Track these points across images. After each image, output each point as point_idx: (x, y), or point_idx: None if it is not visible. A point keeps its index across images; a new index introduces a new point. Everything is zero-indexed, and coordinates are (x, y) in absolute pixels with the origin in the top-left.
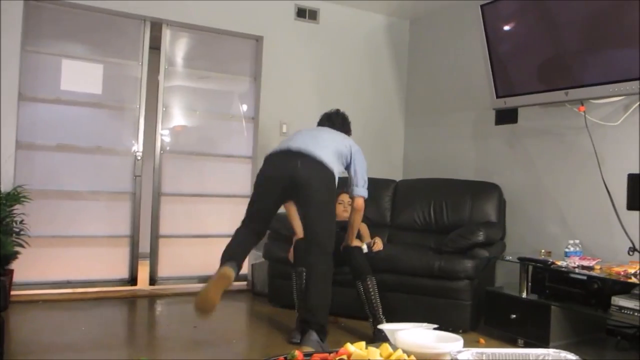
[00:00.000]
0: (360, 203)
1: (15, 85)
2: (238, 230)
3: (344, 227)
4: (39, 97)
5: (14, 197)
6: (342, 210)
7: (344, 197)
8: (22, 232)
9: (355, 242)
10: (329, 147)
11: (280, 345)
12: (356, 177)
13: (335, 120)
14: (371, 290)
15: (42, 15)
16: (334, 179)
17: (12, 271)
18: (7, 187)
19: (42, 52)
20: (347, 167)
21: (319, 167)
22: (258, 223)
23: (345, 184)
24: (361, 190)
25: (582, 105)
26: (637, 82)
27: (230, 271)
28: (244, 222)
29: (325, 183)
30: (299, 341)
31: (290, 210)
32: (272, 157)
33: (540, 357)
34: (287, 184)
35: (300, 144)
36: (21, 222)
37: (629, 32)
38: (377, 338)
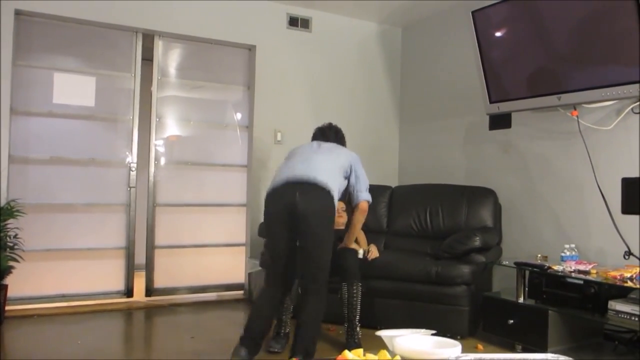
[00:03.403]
0: (365, 205)
1: (7, 99)
2: (261, 296)
3: (340, 237)
4: (32, 110)
5: (8, 211)
6: (337, 217)
7: (338, 205)
8: (16, 247)
9: (353, 246)
10: (328, 166)
11: (277, 354)
12: (359, 184)
13: (329, 134)
14: (355, 295)
15: (33, 29)
16: (334, 205)
17: (6, 286)
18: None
19: (34, 65)
20: (348, 177)
21: (319, 195)
22: (278, 272)
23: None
24: (365, 194)
25: (575, 109)
26: (629, 86)
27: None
28: (267, 280)
29: (325, 214)
30: (275, 350)
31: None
32: (272, 194)
33: None
34: (290, 217)
35: (297, 172)
36: (15, 236)
37: (620, 36)
38: (349, 344)
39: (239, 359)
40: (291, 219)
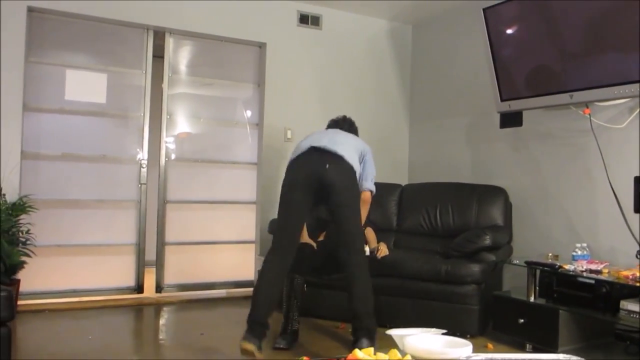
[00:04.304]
0: (368, 196)
1: (19, 96)
2: (268, 265)
3: None
4: (44, 107)
5: (20, 207)
6: None
7: None
8: (28, 242)
9: None
10: (349, 145)
11: (288, 351)
12: (366, 172)
13: (343, 126)
14: None
15: (45, 26)
16: (356, 177)
17: (18, 281)
18: (12, 197)
19: (46, 62)
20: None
21: (346, 167)
22: (290, 240)
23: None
24: (370, 184)
25: (587, 107)
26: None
27: (250, 347)
28: (274, 248)
29: (352, 183)
30: (281, 346)
31: None
32: (296, 162)
33: None
34: (317, 187)
35: (323, 142)
36: (27, 232)
37: (633, 34)
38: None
39: (251, 345)
40: (318, 188)
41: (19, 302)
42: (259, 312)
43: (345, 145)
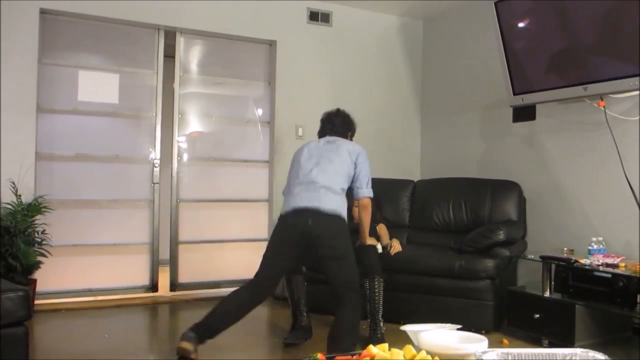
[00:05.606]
0: (367, 202)
1: (33, 97)
2: (235, 296)
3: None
4: (57, 108)
5: (35, 207)
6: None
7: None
8: (44, 242)
9: (371, 241)
10: (334, 173)
11: (301, 349)
12: (359, 180)
13: (335, 121)
14: (376, 290)
15: (57, 28)
16: (345, 220)
17: (35, 281)
18: (27, 198)
19: (59, 64)
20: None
21: (330, 219)
22: (266, 283)
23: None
24: (366, 191)
25: (602, 100)
26: None
27: (187, 346)
28: (250, 283)
29: (341, 233)
30: (289, 341)
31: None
32: (284, 220)
33: (568, 357)
34: (307, 242)
35: (304, 202)
36: (43, 232)
37: None
38: (372, 339)
39: (187, 341)
40: (306, 244)
41: (36, 302)
42: (213, 320)
43: (327, 196)
